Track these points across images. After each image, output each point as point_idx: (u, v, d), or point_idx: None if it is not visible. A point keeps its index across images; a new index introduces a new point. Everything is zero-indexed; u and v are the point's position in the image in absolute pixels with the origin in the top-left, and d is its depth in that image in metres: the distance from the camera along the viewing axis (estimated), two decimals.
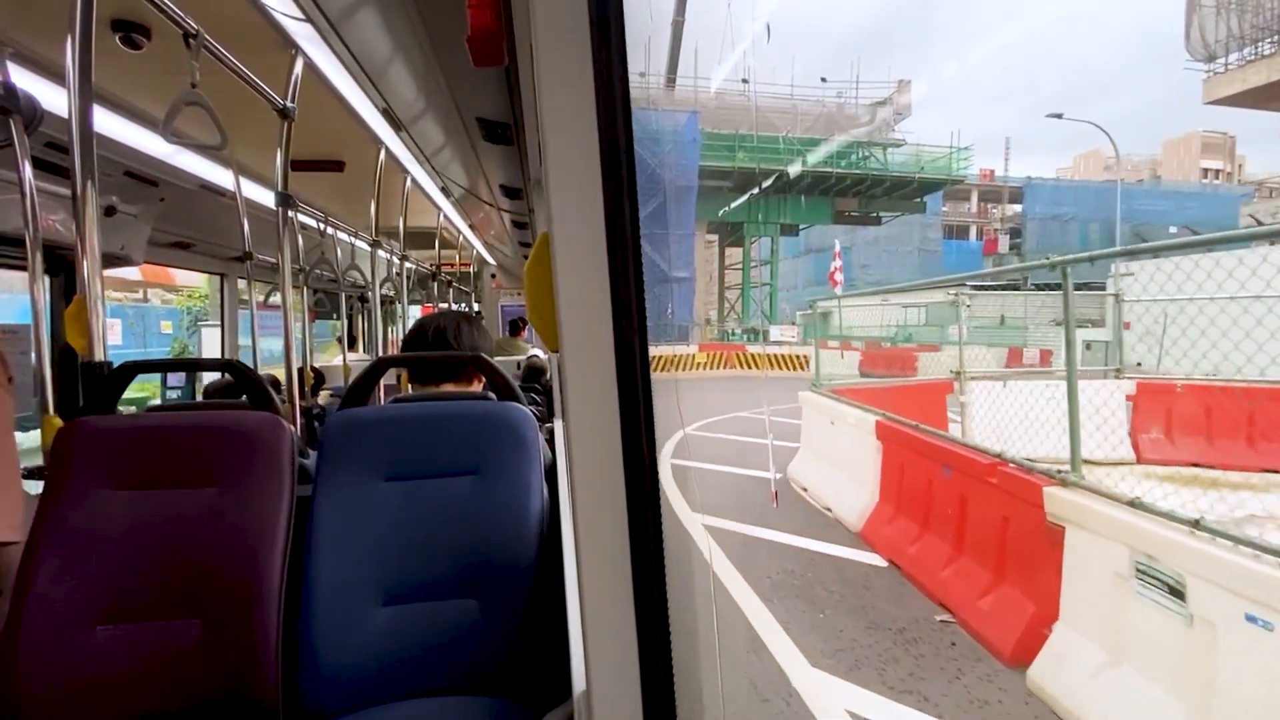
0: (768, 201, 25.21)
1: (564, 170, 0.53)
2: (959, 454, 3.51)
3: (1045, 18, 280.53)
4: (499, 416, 1.36)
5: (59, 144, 2.08)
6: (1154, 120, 20.90)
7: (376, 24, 1.91)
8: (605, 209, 0.54)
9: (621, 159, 0.53)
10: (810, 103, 26.48)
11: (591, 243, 0.54)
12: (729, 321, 27.35)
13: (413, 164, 3.38)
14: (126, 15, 1.84)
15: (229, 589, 1.17)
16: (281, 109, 2.11)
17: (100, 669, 1.11)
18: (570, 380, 0.55)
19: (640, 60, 19.15)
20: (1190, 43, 20.88)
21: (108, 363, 1.47)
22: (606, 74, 0.53)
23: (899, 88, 27.72)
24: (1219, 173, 57.65)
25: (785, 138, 25.23)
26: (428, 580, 1.25)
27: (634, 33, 0.54)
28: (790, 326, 22.98)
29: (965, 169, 26.87)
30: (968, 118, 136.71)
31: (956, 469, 3.46)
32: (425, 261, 6.97)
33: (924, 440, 3.90)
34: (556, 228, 0.54)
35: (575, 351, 0.55)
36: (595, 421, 0.55)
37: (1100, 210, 34.61)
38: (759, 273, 26.80)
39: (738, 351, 18.84)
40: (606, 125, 0.53)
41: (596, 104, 0.53)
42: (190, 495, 1.22)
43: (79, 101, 1.41)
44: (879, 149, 26.65)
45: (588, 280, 0.54)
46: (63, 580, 1.13)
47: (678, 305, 21.18)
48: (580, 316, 0.55)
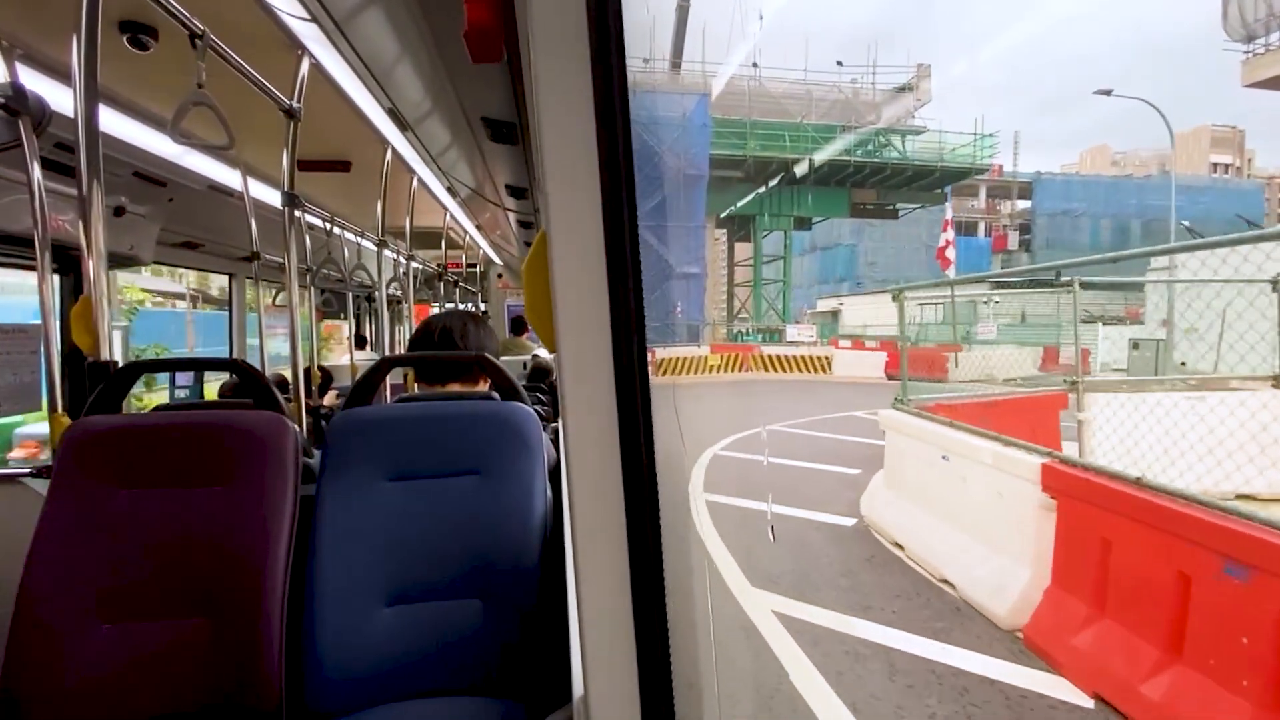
0: (780, 193, 23.90)
1: (562, 168, 0.53)
2: (1262, 541, 2.06)
3: (1051, 17, 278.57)
4: (503, 417, 1.36)
5: (68, 144, 2.10)
6: (1157, 116, 20.75)
7: (382, 24, 1.92)
8: (604, 207, 0.53)
9: (620, 157, 0.53)
10: (825, 88, 25.15)
11: (589, 241, 0.53)
12: (739, 321, 26.16)
13: (419, 164, 3.39)
14: (134, 16, 1.85)
15: (233, 588, 1.17)
16: (288, 109, 2.11)
17: (104, 668, 1.12)
18: (568, 380, 0.54)
19: (644, 45, 17.92)
20: (1228, 22, 19.13)
21: (114, 362, 1.48)
22: (605, 71, 0.52)
23: (918, 72, 26.18)
24: (1229, 167, 57.16)
25: (802, 123, 23.65)
26: (431, 581, 1.25)
27: (638, 18, 0.53)
28: (808, 325, 21.74)
29: (990, 157, 25.41)
30: (962, 114, 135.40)
31: (1261, 569, 2.06)
32: (432, 261, 6.99)
33: (1162, 506, 2.41)
34: (554, 226, 0.53)
35: (573, 351, 0.54)
36: (593, 421, 0.54)
37: (1111, 205, 34.09)
38: (770, 269, 25.70)
39: (753, 353, 17.69)
40: (605, 122, 0.52)
41: (595, 101, 0.52)
42: (195, 494, 1.22)
43: (85, 102, 1.42)
44: (898, 136, 25.21)
45: (586, 279, 0.53)
46: (67, 579, 1.14)
47: (687, 303, 19.99)
48: (578, 316, 0.54)
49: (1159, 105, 17.26)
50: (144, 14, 1.84)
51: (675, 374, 16.07)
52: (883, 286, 32.54)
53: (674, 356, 16.44)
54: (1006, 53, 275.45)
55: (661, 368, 14.89)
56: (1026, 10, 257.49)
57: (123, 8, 1.80)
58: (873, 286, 33.41)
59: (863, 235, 33.95)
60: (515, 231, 5.99)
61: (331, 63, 2.07)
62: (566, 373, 0.54)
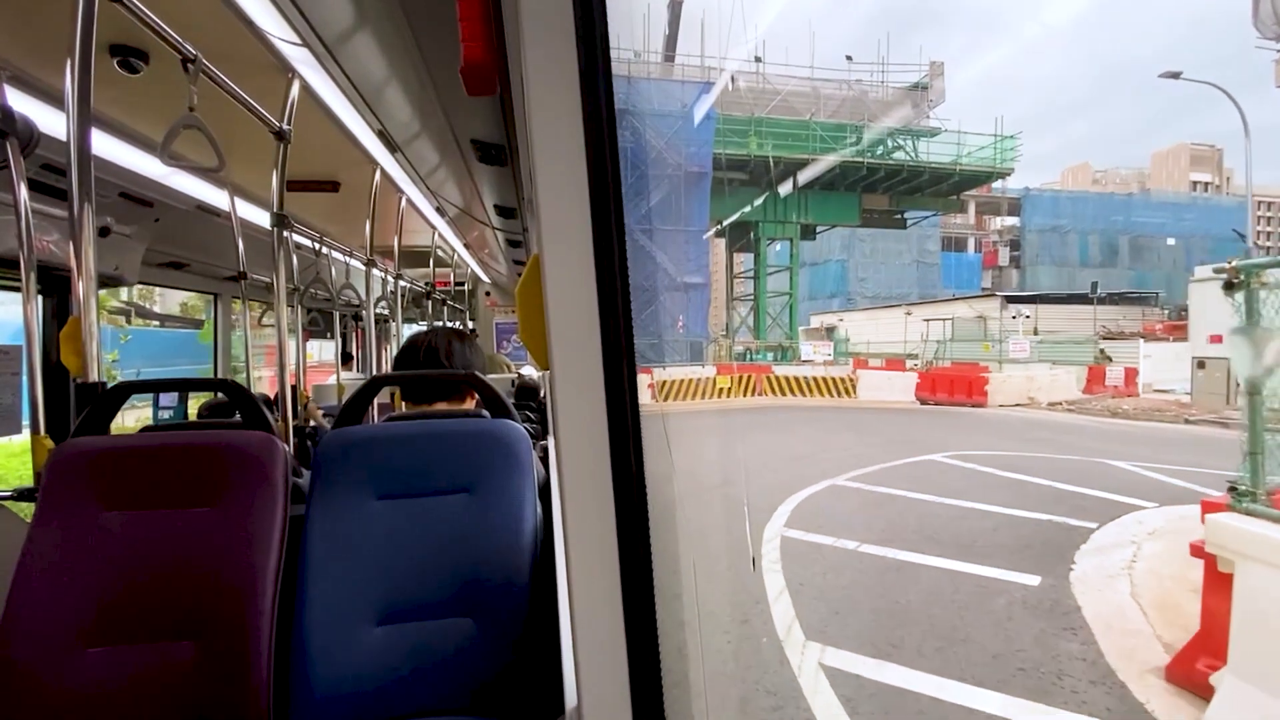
0: (786, 198, 21.87)
1: (554, 197, 0.55)
2: None
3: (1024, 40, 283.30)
4: (492, 434, 1.37)
5: (55, 166, 2.10)
6: (1135, 136, 20.83)
7: (372, 49, 1.95)
8: (594, 231, 0.56)
9: (609, 182, 0.55)
10: (833, 85, 23.32)
11: (581, 265, 0.55)
12: (740, 336, 23.66)
13: (407, 184, 3.41)
14: (125, 40, 1.87)
15: (221, 610, 1.16)
16: (278, 131, 2.13)
17: (91, 691, 1.10)
18: (560, 398, 0.56)
19: (639, 37, 16.50)
20: (1259, 19, 17.13)
21: (102, 383, 1.48)
22: (594, 101, 0.55)
23: (931, 70, 24.30)
24: (1208, 185, 58.66)
25: (811, 121, 21.42)
26: (421, 599, 1.25)
27: (634, 5, 0.54)
28: (824, 342, 19.86)
29: (1012, 160, 23.85)
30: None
31: None
32: (420, 280, 6.99)
33: None
34: (547, 251, 0.56)
35: (565, 370, 0.56)
36: (585, 438, 0.56)
37: (1099, 222, 34.65)
38: (771, 282, 23.44)
39: (765, 374, 15.77)
40: (594, 151, 0.55)
41: (585, 130, 0.55)
42: (183, 516, 1.21)
43: (78, 125, 1.43)
44: (912, 138, 23.31)
45: (577, 300, 0.56)
46: (53, 602, 1.12)
47: (690, 317, 17.50)
48: (570, 335, 0.56)
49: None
50: (135, 38, 1.85)
51: (679, 398, 13.91)
52: (874, 303, 32.64)
53: (675, 379, 14.29)
54: (980, 75, 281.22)
55: (663, 392, 12.86)
56: (998, 38, 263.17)
57: (114, 32, 1.81)
58: (864, 303, 33.54)
59: (852, 251, 34.14)
60: (503, 250, 6.01)
61: (322, 86, 2.10)
62: (559, 391, 0.56)
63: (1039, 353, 18.42)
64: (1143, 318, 26.80)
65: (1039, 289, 28.52)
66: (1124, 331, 23.55)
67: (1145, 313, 27.43)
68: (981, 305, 26.09)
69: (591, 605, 0.56)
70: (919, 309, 28.03)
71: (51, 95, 2.01)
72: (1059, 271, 33.35)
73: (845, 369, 16.72)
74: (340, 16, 1.73)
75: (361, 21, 1.79)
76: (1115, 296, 22.84)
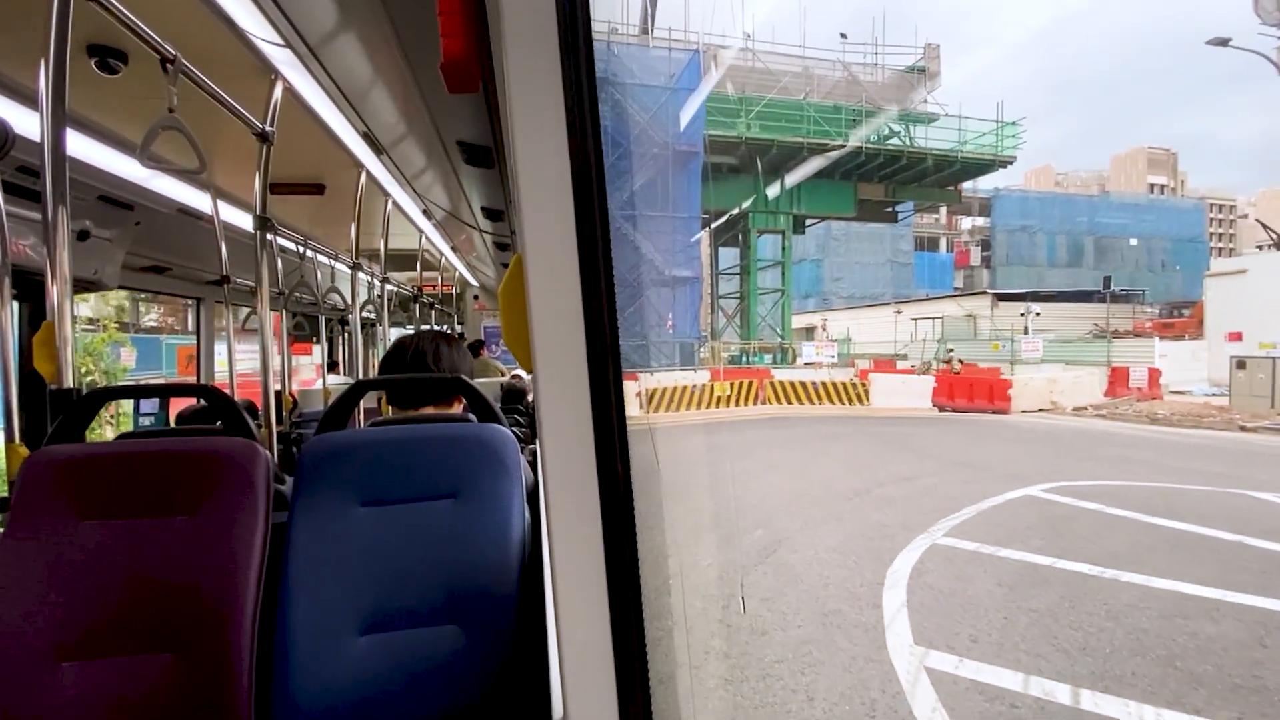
0: (777, 186, 20.05)
1: (537, 193, 0.54)
2: None
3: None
4: (479, 438, 1.35)
5: (31, 168, 2.06)
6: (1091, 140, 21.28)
7: (356, 50, 1.93)
8: (578, 231, 0.54)
9: (593, 180, 0.54)
10: (826, 65, 21.53)
11: (564, 264, 0.54)
12: (725, 338, 21.71)
13: (394, 186, 3.39)
14: (102, 40, 1.84)
15: (201, 620, 1.14)
16: (261, 133, 2.10)
17: (66, 707, 1.07)
18: (545, 401, 0.55)
19: (618, 14, 14.91)
20: (1260, 4, 16.40)
21: (76, 389, 1.44)
22: (577, 97, 0.54)
23: (927, 52, 22.72)
24: (1164, 187, 60.53)
25: (805, 101, 19.43)
26: (407, 607, 1.23)
27: None
28: (827, 344, 17.94)
29: (1016, 147, 22.22)
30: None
31: None
32: (407, 283, 6.94)
33: None
34: (530, 250, 0.55)
35: (550, 372, 0.55)
36: (571, 442, 0.55)
37: (1065, 223, 35.33)
38: (761, 278, 21.43)
39: (765, 379, 14.17)
40: (578, 148, 0.54)
41: (568, 126, 0.54)
42: (162, 525, 1.19)
43: (52, 126, 1.40)
44: (910, 123, 21.60)
45: (561, 302, 0.55)
46: (26, 615, 1.09)
47: (679, 316, 15.77)
48: (555, 337, 0.55)
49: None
50: (113, 38, 1.82)
51: (670, 408, 12.28)
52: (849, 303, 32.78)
53: (665, 387, 12.66)
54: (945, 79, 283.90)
55: (651, 403, 11.37)
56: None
57: (91, 31, 1.78)
58: (840, 303, 33.72)
59: (827, 251, 34.43)
60: (491, 253, 5.99)
61: (305, 87, 2.07)
62: (544, 394, 0.55)
63: (1048, 352, 17.58)
64: (1133, 315, 27.09)
65: (1010, 288, 28.54)
66: (1134, 329, 23.49)
67: (1135, 310, 27.78)
68: (971, 303, 26.18)
69: (579, 616, 0.55)
70: (908, 308, 28.14)
71: (28, 96, 1.97)
72: (1028, 271, 33.71)
73: (848, 372, 15.50)
74: (323, 17, 1.71)
75: (345, 22, 1.77)
76: (1105, 294, 22.86)
